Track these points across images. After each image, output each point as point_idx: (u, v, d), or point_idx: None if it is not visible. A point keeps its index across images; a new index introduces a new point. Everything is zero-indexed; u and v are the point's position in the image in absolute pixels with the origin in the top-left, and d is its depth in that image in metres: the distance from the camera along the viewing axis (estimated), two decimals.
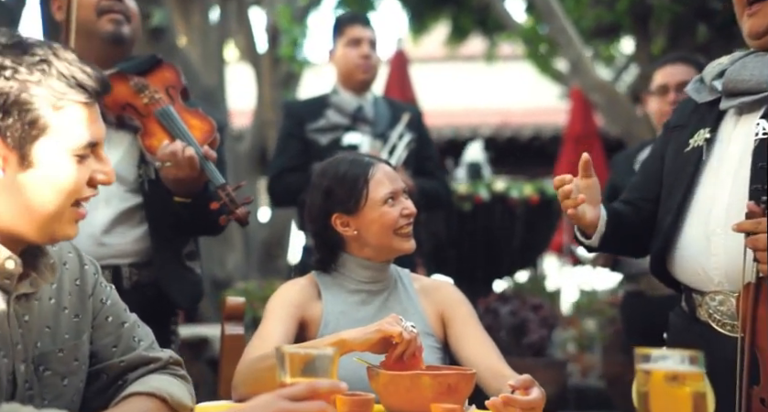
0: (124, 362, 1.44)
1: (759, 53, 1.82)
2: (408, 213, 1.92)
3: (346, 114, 3.25)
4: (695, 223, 1.82)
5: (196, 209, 2.18)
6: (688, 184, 1.84)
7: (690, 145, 1.88)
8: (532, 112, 9.53)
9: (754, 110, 1.79)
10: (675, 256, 1.86)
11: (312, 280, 1.99)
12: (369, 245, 1.94)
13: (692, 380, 1.06)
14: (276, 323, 1.88)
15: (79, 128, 1.29)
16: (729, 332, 1.75)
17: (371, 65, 3.28)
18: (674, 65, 3.18)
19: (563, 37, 5.90)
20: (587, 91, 5.80)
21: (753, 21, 1.80)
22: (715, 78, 1.86)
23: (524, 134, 8.33)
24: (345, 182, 1.93)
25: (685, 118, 1.96)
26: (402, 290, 1.99)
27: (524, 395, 1.52)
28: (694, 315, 1.84)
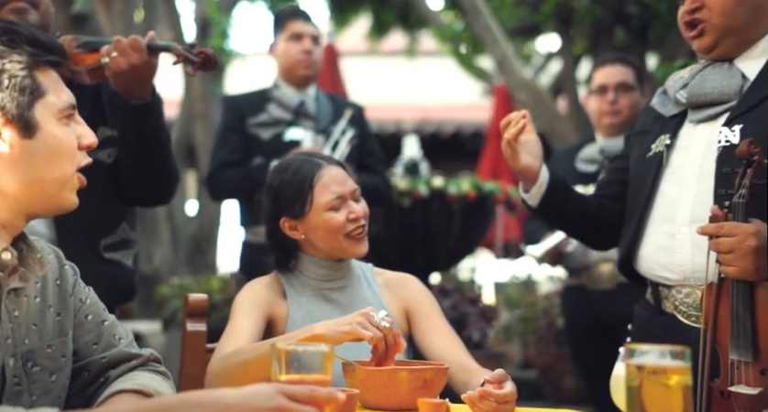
0: (105, 358, 1.46)
1: (715, 64, 1.92)
2: (354, 217, 1.91)
3: (288, 109, 3.25)
4: (660, 223, 1.92)
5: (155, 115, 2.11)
6: (651, 187, 1.94)
7: (652, 150, 1.98)
8: (453, 108, 9.67)
9: (713, 118, 1.89)
10: (643, 254, 1.96)
11: (275, 279, 2.00)
12: (319, 249, 1.95)
13: (680, 374, 1.12)
14: (245, 321, 1.88)
15: (56, 89, 1.33)
16: (694, 323, 1.85)
17: (313, 60, 3.28)
18: (612, 66, 3.29)
19: (488, 35, 6.02)
20: (513, 89, 5.94)
21: (699, 42, 1.90)
22: (678, 90, 1.96)
23: (446, 130, 8.45)
24: (291, 186, 1.94)
25: (649, 124, 2.05)
26: (366, 286, 2.00)
27: (498, 389, 1.57)
28: (659, 307, 1.94)
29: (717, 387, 1.69)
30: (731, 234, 1.68)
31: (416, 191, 3.67)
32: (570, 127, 5.73)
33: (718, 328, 1.72)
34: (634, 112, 3.19)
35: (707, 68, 1.93)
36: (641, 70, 3.39)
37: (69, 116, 1.35)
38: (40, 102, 1.31)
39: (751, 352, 1.65)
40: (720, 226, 1.70)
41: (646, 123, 2.08)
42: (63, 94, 1.34)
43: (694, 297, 1.85)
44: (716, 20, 1.85)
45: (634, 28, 5.89)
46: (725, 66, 1.91)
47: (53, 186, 1.32)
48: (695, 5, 1.87)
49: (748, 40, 1.89)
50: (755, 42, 1.89)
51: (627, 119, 3.20)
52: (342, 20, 8.56)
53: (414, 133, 8.09)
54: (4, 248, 1.30)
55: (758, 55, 1.89)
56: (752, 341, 1.66)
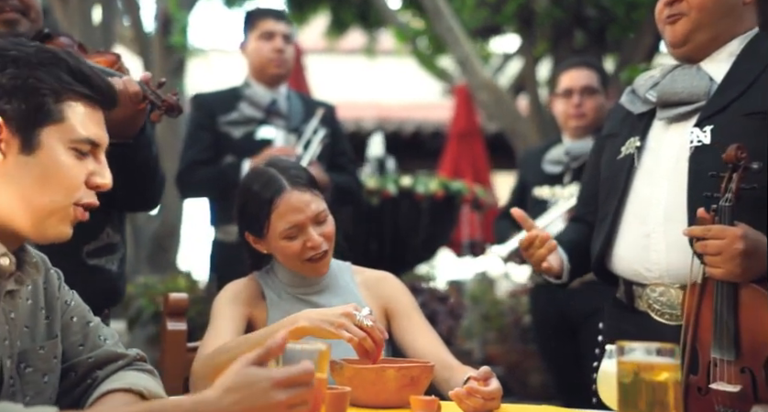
0: (92, 358, 1.47)
1: (684, 66, 1.98)
2: (312, 246, 1.89)
3: (260, 108, 3.25)
4: (634, 223, 1.97)
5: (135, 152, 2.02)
6: (623, 188, 1.99)
7: (622, 152, 2.03)
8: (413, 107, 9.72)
9: (684, 119, 1.94)
10: (617, 253, 2.00)
11: (254, 280, 2.02)
12: (286, 264, 1.97)
13: (670, 371, 1.17)
14: (227, 321, 1.90)
15: (80, 122, 1.33)
16: (668, 321, 1.89)
17: (284, 59, 3.29)
18: (577, 69, 3.37)
19: (450, 36, 6.07)
20: (475, 89, 6.01)
21: (672, 30, 1.95)
22: (648, 90, 2.01)
23: (406, 129, 8.49)
24: (252, 205, 1.94)
25: (617, 127, 2.10)
26: (344, 285, 2.01)
27: (484, 385, 1.60)
28: (632, 305, 1.99)
29: (694, 383, 1.74)
30: (719, 237, 1.71)
31: (385, 190, 3.71)
32: (531, 128, 5.81)
33: (700, 327, 1.76)
34: (599, 114, 3.27)
35: (677, 69, 1.99)
36: (605, 74, 3.47)
37: (84, 151, 1.35)
38: (53, 126, 1.31)
39: (734, 350, 1.69)
40: (708, 229, 1.72)
41: (614, 125, 2.13)
42: (90, 129, 1.35)
43: (668, 295, 1.90)
44: (693, 13, 1.91)
45: (593, 31, 6.01)
46: (693, 68, 1.96)
47: (39, 211, 1.31)
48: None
49: (716, 41, 1.94)
50: (722, 45, 1.95)
51: (592, 122, 3.28)
52: (300, 18, 8.53)
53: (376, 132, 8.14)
54: (3, 253, 1.31)
55: (724, 58, 1.95)
56: (735, 340, 1.70)
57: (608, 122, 2.20)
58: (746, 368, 1.68)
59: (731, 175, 1.74)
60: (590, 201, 2.19)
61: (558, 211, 3.18)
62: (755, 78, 1.89)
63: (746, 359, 1.69)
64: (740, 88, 1.89)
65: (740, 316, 1.71)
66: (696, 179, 1.84)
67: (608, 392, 1.40)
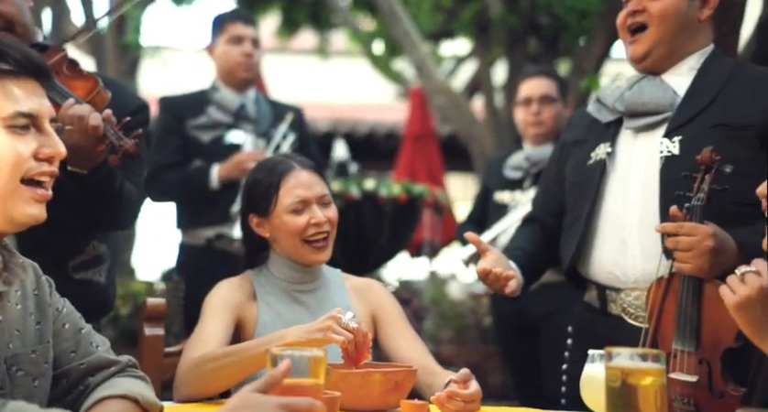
0: (84, 364, 1.47)
1: (649, 77, 2.08)
2: (316, 222, 1.95)
3: (229, 112, 3.26)
4: (608, 229, 2.04)
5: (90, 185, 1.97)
6: (595, 194, 2.06)
7: (592, 158, 2.11)
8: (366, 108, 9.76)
9: (651, 129, 2.04)
10: (591, 259, 2.08)
11: (247, 280, 2.03)
12: (284, 250, 2.00)
13: (658, 375, 1.24)
14: (215, 323, 1.91)
15: (9, 97, 1.31)
16: (642, 324, 1.97)
17: (253, 63, 3.31)
18: (536, 79, 3.47)
19: (407, 39, 6.14)
20: (431, 93, 6.08)
21: (635, 47, 2.06)
22: (616, 100, 2.10)
23: (360, 130, 8.53)
24: (261, 185, 2.00)
25: (584, 134, 2.18)
26: (335, 289, 2.05)
27: (463, 388, 1.66)
28: (605, 309, 2.07)
29: None
30: (691, 234, 1.80)
31: (348, 193, 3.75)
32: (487, 131, 5.92)
33: (662, 320, 1.86)
34: (557, 122, 3.38)
35: (643, 80, 2.08)
36: (563, 83, 3.57)
37: (22, 125, 1.31)
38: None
39: (695, 343, 1.79)
40: (680, 226, 1.81)
41: (580, 132, 2.20)
42: (22, 103, 1.31)
43: (643, 299, 1.98)
44: (653, 24, 2.01)
45: (546, 38, 6.15)
46: (657, 80, 2.07)
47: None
48: (637, 8, 2.03)
49: (674, 55, 2.05)
50: (681, 59, 2.06)
51: (550, 129, 3.39)
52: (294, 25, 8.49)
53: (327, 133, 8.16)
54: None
55: (685, 72, 2.06)
56: (696, 333, 1.80)
57: (571, 129, 2.28)
58: (704, 360, 1.78)
59: (704, 176, 1.84)
60: (549, 203, 2.27)
61: (518, 214, 3.27)
62: (717, 92, 2.00)
63: (705, 351, 1.80)
64: (703, 101, 2.00)
65: (703, 310, 1.81)
66: (667, 188, 1.93)
67: (593, 396, 1.47)
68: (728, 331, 1.79)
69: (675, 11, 2.01)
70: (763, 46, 3.21)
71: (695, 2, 2.04)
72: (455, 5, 6.25)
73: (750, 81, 2.01)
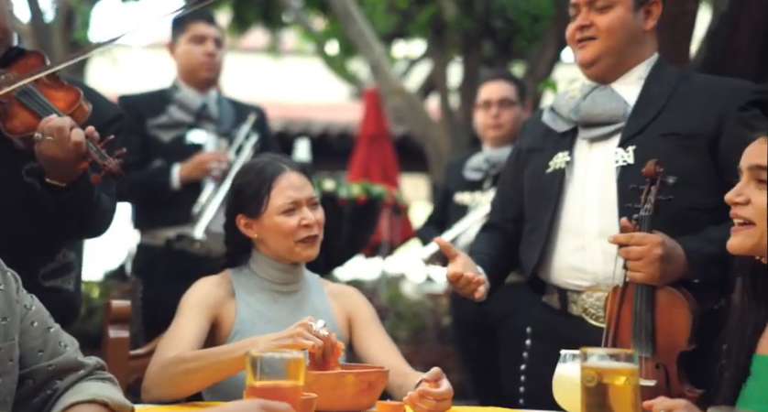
0: (52, 366, 1.45)
1: (600, 87, 2.14)
2: (307, 224, 1.98)
3: (190, 112, 3.23)
4: (568, 236, 2.10)
5: (68, 199, 1.95)
6: (555, 202, 2.12)
7: (551, 167, 2.16)
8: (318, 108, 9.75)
9: (605, 138, 2.11)
10: (554, 264, 2.13)
11: (226, 278, 2.03)
12: (272, 250, 2.01)
13: (632, 375, 1.29)
14: (189, 323, 1.91)
15: None
16: (602, 323, 2.03)
17: (216, 63, 3.29)
18: (495, 82, 3.53)
19: (362, 40, 6.16)
20: (386, 94, 6.11)
21: (583, 52, 2.12)
22: (571, 110, 2.15)
23: (313, 130, 8.51)
24: (251, 186, 2.01)
25: (540, 142, 2.23)
26: (314, 293, 2.07)
27: (435, 387, 1.69)
28: (565, 310, 2.12)
29: None
30: (641, 243, 1.88)
31: None
32: (442, 132, 5.97)
33: (619, 327, 1.93)
34: (516, 125, 3.44)
35: (595, 91, 2.15)
36: (522, 87, 3.63)
37: None
38: None
39: (651, 348, 1.87)
40: (631, 236, 1.89)
41: (536, 140, 2.25)
42: None
43: (603, 299, 2.03)
44: (602, 37, 2.08)
45: (500, 41, 6.23)
46: (608, 90, 2.14)
47: None
48: (585, 23, 2.09)
49: (622, 65, 2.12)
50: (629, 69, 2.13)
51: (509, 132, 3.44)
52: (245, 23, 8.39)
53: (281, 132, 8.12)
54: None
55: (633, 81, 2.13)
56: (652, 338, 1.87)
57: (525, 136, 2.32)
58: (661, 364, 1.86)
59: (650, 188, 1.92)
60: (507, 210, 2.32)
61: (477, 214, 3.34)
62: (665, 101, 2.08)
63: (661, 356, 1.87)
64: (653, 110, 2.08)
65: (656, 316, 1.89)
66: (624, 197, 2.00)
67: (565, 395, 1.51)
68: (681, 336, 1.88)
69: (622, 24, 2.08)
70: (714, 53, 3.31)
71: (639, 13, 2.11)
72: (411, 7, 6.29)
73: (695, 91, 2.09)
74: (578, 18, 2.11)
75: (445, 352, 4.04)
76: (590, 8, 2.09)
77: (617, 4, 2.08)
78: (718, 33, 3.31)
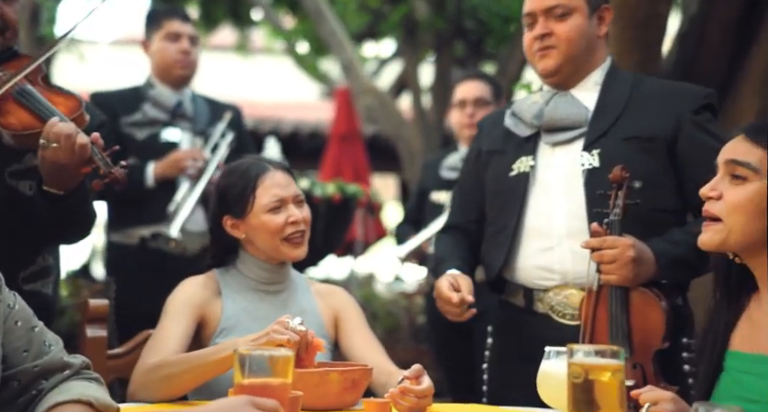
0: (38, 366, 1.44)
1: (561, 93, 2.18)
2: (293, 221, 1.98)
3: (165, 110, 3.21)
4: (536, 237, 2.13)
5: (65, 207, 1.95)
6: (521, 205, 2.14)
7: (515, 170, 2.18)
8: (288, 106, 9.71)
9: (568, 142, 2.15)
10: (519, 266, 2.15)
11: (212, 278, 2.04)
12: (260, 250, 2.01)
13: (618, 371, 1.31)
14: (174, 324, 1.91)
15: None
16: (569, 321, 2.07)
17: (191, 61, 3.26)
18: (471, 82, 3.56)
19: (333, 39, 6.16)
20: (358, 93, 6.11)
21: (545, 62, 2.14)
22: (534, 116, 2.17)
23: (284, 129, 8.48)
24: (236, 187, 2.01)
25: (500, 145, 2.25)
26: (301, 292, 2.08)
27: (416, 384, 1.70)
28: (530, 308, 2.15)
29: None
30: (613, 247, 1.93)
31: None
32: (415, 132, 5.99)
33: (596, 329, 1.96)
34: None
35: (556, 96, 2.18)
36: (498, 86, 3.66)
37: None
38: None
39: (628, 348, 1.90)
40: (603, 240, 1.94)
41: (496, 142, 2.27)
42: None
43: (571, 297, 2.08)
44: (562, 46, 2.11)
45: (471, 42, 6.27)
46: (568, 96, 2.18)
47: None
48: (544, 32, 2.11)
49: (580, 71, 2.16)
50: (587, 74, 2.18)
51: None
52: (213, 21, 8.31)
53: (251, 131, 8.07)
54: None
55: (591, 87, 2.18)
56: (628, 338, 1.91)
57: (483, 137, 2.32)
58: (638, 364, 1.89)
59: (617, 192, 1.98)
60: (469, 211, 2.32)
61: None
62: (624, 105, 2.13)
63: (637, 355, 1.91)
64: (613, 114, 2.13)
65: (631, 317, 1.94)
66: (593, 199, 2.04)
67: (549, 391, 1.52)
68: (656, 335, 1.93)
69: (580, 31, 2.12)
70: (685, 55, 3.38)
71: (594, 20, 2.14)
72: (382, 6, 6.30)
73: (651, 95, 2.14)
74: (537, 28, 2.13)
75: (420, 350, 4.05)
76: (548, 17, 2.11)
77: (574, 11, 2.11)
78: (689, 35, 3.37)
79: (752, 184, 1.55)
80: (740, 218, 1.55)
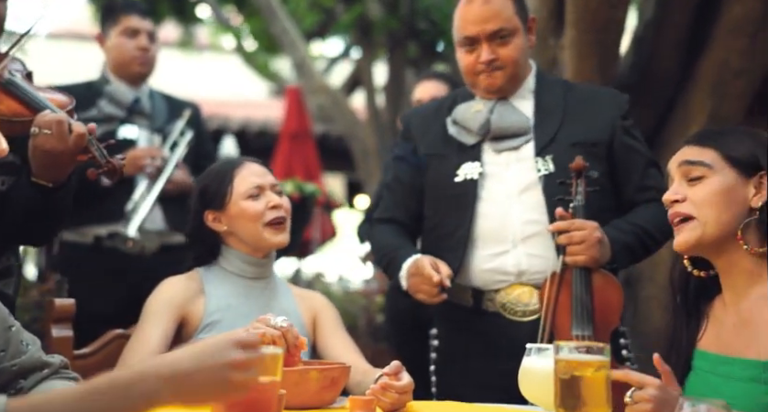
0: (16, 366, 1.42)
1: (502, 101, 2.23)
2: (274, 205, 2.00)
3: (122, 106, 3.13)
4: (489, 242, 2.16)
5: (52, 200, 1.90)
6: (472, 210, 2.17)
7: (460, 176, 2.20)
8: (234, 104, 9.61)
9: (515, 149, 2.20)
10: (471, 269, 2.18)
11: (194, 277, 2.03)
12: (243, 240, 2.02)
13: (604, 367, 1.33)
14: (154, 326, 1.90)
15: None
16: (520, 318, 2.14)
17: (149, 57, 3.20)
18: (429, 81, 3.57)
19: (286, 37, 6.12)
20: (311, 92, 6.09)
21: (491, 82, 2.19)
22: (481, 125, 2.20)
23: (231, 127, 8.38)
24: (214, 180, 2.05)
25: (441, 148, 2.26)
26: (282, 293, 2.09)
27: (396, 380, 1.72)
28: (479, 308, 2.19)
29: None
30: (582, 228, 2.00)
31: None
32: (369, 131, 5.99)
33: (557, 312, 2.03)
34: None
35: (498, 105, 2.23)
36: (457, 85, 3.68)
37: None
38: None
39: (591, 327, 1.98)
40: (572, 222, 2.02)
41: (435, 145, 2.28)
42: None
43: (523, 296, 2.14)
44: (508, 68, 2.17)
45: (424, 43, 6.30)
46: (509, 104, 2.23)
47: None
48: (492, 57, 2.15)
49: (519, 82, 2.23)
50: (522, 82, 2.24)
51: None
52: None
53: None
54: None
55: (526, 94, 2.25)
56: (591, 318, 1.99)
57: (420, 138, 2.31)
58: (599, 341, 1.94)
59: (577, 180, 2.07)
60: (408, 207, 2.32)
61: None
62: (563, 111, 2.21)
63: (599, 334, 2.00)
64: (555, 121, 2.20)
65: (593, 297, 2.02)
66: (552, 203, 2.10)
67: (530, 388, 1.54)
68: (614, 314, 2.04)
69: (521, 50, 2.19)
70: (641, 58, 3.46)
71: (527, 34, 2.22)
72: (336, 6, 6.29)
73: (583, 101, 2.23)
74: (483, 53, 2.16)
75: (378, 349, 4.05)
76: (491, 41, 2.15)
77: (515, 33, 2.16)
78: (644, 39, 3.45)
79: (711, 179, 1.59)
80: (711, 210, 1.58)
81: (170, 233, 3.10)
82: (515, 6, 2.18)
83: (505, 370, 2.11)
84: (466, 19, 2.16)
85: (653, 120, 3.38)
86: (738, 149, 1.60)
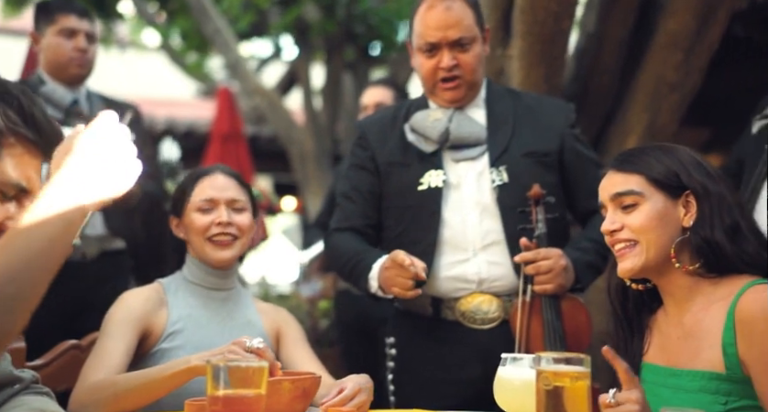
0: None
1: (457, 111, 2.25)
2: (220, 222, 1.98)
3: (60, 108, 3.03)
4: (451, 249, 2.18)
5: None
6: (438, 217, 2.18)
7: (424, 184, 2.21)
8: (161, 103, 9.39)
9: (473, 158, 2.22)
10: (436, 274, 2.18)
11: (156, 288, 2.00)
12: (193, 250, 2.02)
13: (586, 377, 1.36)
14: (115, 341, 1.86)
15: (14, 165, 1.25)
16: (480, 326, 2.16)
17: (88, 59, 3.09)
18: (375, 87, 3.62)
19: (219, 38, 6.03)
20: (246, 94, 6.01)
21: (455, 93, 2.23)
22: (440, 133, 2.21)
23: (156, 127, 8.19)
24: (181, 185, 2.07)
25: (400, 156, 2.26)
26: (245, 305, 2.08)
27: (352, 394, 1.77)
28: (438, 316, 2.20)
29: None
30: (548, 257, 2.04)
31: None
32: (306, 134, 5.95)
33: (530, 338, 2.07)
34: None
35: (456, 115, 2.25)
36: (405, 93, 3.72)
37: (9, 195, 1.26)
38: None
39: (565, 350, 2.01)
40: (537, 252, 2.05)
41: (394, 153, 2.28)
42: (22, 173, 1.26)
43: (483, 304, 2.16)
44: (468, 76, 2.21)
45: (361, 46, 6.30)
46: (466, 114, 2.26)
47: None
48: (453, 63, 2.18)
49: (476, 90, 2.27)
50: (477, 92, 2.28)
51: None
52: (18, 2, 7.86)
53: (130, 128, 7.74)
54: None
55: (480, 103, 2.29)
56: (563, 342, 2.03)
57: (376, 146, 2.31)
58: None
59: (536, 208, 2.11)
60: (370, 215, 2.31)
61: None
62: (513, 121, 2.25)
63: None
64: (507, 130, 2.24)
65: (564, 322, 2.06)
66: (506, 212, 2.15)
67: (505, 397, 1.56)
68: (585, 335, 2.09)
69: (480, 59, 2.23)
70: (582, 70, 3.54)
71: (483, 43, 2.25)
72: (271, 7, 6.22)
73: (531, 110, 2.28)
74: (444, 59, 2.18)
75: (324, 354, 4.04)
76: (452, 48, 2.17)
77: (474, 41, 2.19)
78: (586, 52, 3.54)
79: (644, 206, 1.64)
80: (652, 234, 1.62)
81: (110, 238, 3.02)
82: (474, 16, 2.20)
83: (464, 378, 2.15)
84: (428, 25, 2.16)
85: (593, 131, 3.47)
86: (659, 171, 1.64)
